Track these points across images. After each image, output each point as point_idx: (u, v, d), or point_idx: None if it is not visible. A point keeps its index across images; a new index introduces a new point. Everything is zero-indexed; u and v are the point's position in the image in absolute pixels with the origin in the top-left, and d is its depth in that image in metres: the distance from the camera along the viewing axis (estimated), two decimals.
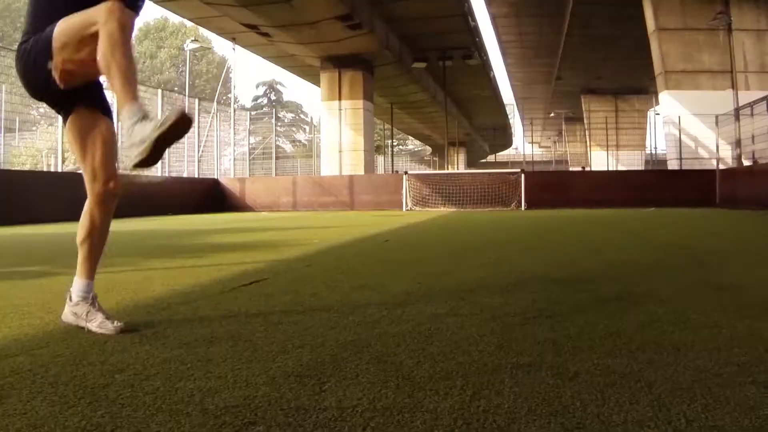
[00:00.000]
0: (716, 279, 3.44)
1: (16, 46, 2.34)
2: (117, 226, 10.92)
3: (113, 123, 2.38)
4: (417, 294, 2.96)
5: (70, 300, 2.30)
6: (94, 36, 1.99)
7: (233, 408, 1.43)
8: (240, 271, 4.00)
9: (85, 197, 2.32)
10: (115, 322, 2.21)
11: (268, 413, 1.38)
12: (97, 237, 2.32)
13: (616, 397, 1.41)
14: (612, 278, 3.52)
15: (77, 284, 2.30)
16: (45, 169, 19.52)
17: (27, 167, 20.25)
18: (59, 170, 15.02)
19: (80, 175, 2.31)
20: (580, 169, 39.79)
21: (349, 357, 1.81)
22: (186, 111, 1.90)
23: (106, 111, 2.34)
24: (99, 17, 1.97)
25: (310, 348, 1.93)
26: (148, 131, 1.87)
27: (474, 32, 25.36)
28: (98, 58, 1.98)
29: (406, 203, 18.65)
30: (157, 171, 18.36)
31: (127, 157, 1.93)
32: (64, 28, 2.05)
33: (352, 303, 2.74)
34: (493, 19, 27.60)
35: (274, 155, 24.67)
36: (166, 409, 1.44)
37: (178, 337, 2.13)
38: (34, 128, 22.85)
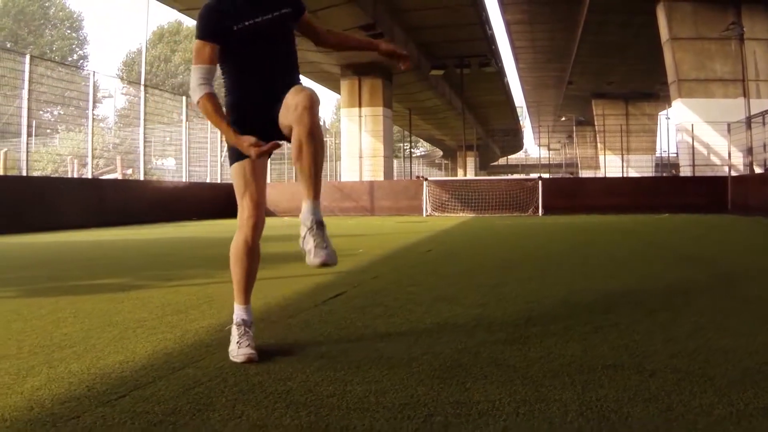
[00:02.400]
0: (742, 292, 3.94)
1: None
2: (155, 232, 11.24)
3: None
4: (490, 306, 3.45)
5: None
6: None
7: (407, 405, 1.77)
8: (314, 284, 4.41)
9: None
10: (247, 349, 2.32)
11: (438, 407, 1.76)
12: (248, 263, 2.47)
13: (689, 389, 1.91)
14: (651, 292, 4.01)
15: (234, 308, 2.47)
16: (69, 175, 19.70)
17: (47, 172, 20.38)
18: (89, 176, 15.13)
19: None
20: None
21: (469, 362, 2.28)
22: (330, 261, 2.15)
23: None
24: (298, 102, 2.15)
25: (432, 355, 2.38)
26: (308, 248, 2.17)
27: (491, 40, 25.86)
28: (293, 146, 2.19)
29: (426, 209, 19.17)
30: (181, 176, 18.93)
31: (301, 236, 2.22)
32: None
33: (439, 314, 3.22)
34: (508, 25, 28.13)
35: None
36: (354, 407, 1.72)
37: (310, 347, 2.51)
38: (48, 131, 23.13)
